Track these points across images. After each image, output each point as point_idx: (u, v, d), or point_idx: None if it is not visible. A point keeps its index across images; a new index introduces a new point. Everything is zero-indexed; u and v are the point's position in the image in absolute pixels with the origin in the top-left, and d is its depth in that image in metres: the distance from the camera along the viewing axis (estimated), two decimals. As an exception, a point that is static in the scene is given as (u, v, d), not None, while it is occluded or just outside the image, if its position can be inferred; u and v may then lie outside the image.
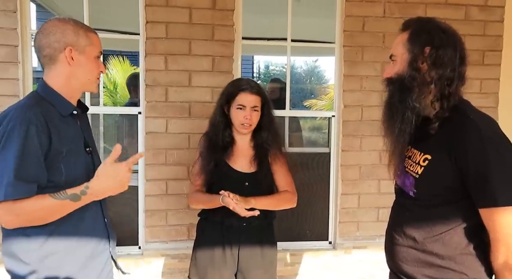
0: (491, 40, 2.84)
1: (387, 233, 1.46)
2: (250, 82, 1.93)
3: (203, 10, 2.59)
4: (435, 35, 1.26)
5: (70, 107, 1.40)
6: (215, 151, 1.89)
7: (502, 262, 1.18)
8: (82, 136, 1.45)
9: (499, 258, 1.19)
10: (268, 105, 1.94)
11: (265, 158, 1.92)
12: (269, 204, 1.87)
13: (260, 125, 1.93)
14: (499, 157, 1.16)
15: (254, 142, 1.95)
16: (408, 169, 1.35)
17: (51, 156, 1.28)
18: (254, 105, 1.87)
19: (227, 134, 1.92)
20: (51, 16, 3.47)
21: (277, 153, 1.94)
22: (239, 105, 1.87)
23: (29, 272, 1.31)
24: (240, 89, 1.88)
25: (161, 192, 2.64)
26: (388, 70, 1.36)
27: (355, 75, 2.75)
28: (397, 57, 1.32)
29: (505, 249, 1.17)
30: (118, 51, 6.20)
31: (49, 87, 1.38)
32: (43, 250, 1.32)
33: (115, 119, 3.15)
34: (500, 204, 1.14)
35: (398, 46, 1.32)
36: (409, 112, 1.28)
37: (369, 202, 2.82)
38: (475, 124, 1.20)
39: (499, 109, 2.86)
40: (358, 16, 2.73)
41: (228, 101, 1.90)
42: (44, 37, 1.36)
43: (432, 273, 1.29)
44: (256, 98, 1.88)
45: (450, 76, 1.26)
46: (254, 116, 1.88)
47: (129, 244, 2.67)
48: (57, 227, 1.33)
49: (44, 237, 1.32)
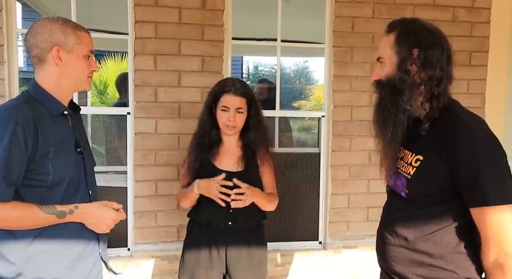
0: (478, 41, 2.87)
1: (378, 233, 1.47)
2: (236, 83, 1.89)
3: (192, 10, 2.58)
4: (422, 36, 1.27)
5: (60, 107, 1.40)
6: (201, 151, 1.89)
7: (493, 261, 1.19)
8: (73, 136, 1.44)
9: (489, 257, 1.20)
10: (255, 106, 1.92)
11: (253, 157, 1.91)
12: (262, 200, 1.88)
13: (247, 125, 1.91)
14: (490, 157, 1.17)
15: (241, 142, 1.94)
16: (400, 170, 1.36)
17: (37, 156, 1.28)
18: (238, 106, 1.85)
19: (213, 134, 1.91)
20: (38, 16, 3.43)
21: (265, 154, 1.94)
22: (223, 106, 1.85)
23: (15, 274, 1.30)
24: (224, 90, 1.86)
25: (151, 193, 2.62)
26: (376, 72, 1.37)
27: (345, 76, 2.77)
28: (385, 59, 1.33)
29: (495, 247, 1.18)
30: (107, 51, 6.14)
31: (40, 87, 1.37)
32: (30, 250, 1.32)
33: (104, 120, 3.12)
34: (491, 203, 1.16)
35: (385, 48, 1.33)
36: (401, 115, 1.29)
37: (358, 202, 2.83)
38: (465, 125, 1.21)
39: (486, 109, 2.90)
40: (348, 17, 2.74)
41: (214, 101, 1.89)
42: (32, 37, 1.35)
43: (424, 273, 1.30)
44: (241, 100, 1.85)
45: (439, 76, 1.27)
46: (238, 118, 1.86)
47: (118, 245, 2.64)
48: (45, 227, 1.32)
49: (31, 237, 1.32)
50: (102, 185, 2.71)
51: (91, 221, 1.39)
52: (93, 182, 1.52)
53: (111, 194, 2.73)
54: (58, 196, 1.34)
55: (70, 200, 1.36)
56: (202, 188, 1.81)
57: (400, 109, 1.28)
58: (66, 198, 1.35)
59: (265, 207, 1.92)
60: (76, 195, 1.39)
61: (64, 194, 1.35)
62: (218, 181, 1.77)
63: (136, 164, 2.60)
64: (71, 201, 1.36)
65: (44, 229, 1.32)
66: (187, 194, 1.90)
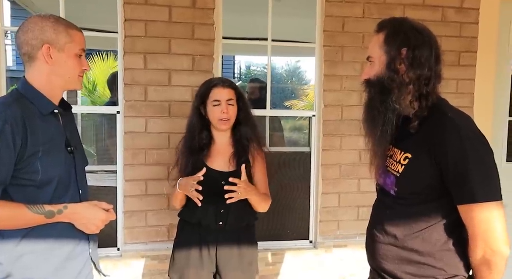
0: (467, 41, 2.90)
1: (368, 231, 1.48)
2: (221, 78, 2.01)
3: (183, 9, 2.57)
4: (411, 35, 1.29)
5: (50, 105, 1.38)
6: (192, 154, 1.89)
7: (480, 257, 1.22)
8: (63, 134, 1.42)
9: (477, 253, 1.22)
10: (243, 99, 1.96)
11: (244, 155, 1.91)
12: (256, 198, 1.88)
13: (238, 120, 1.94)
14: (478, 156, 1.20)
15: (233, 138, 1.95)
16: (389, 168, 1.38)
17: (26, 155, 1.27)
18: (229, 98, 1.89)
19: (204, 135, 1.92)
20: (27, 14, 3.39)
21: (257, 149, 1.95)
22: (214, 100, 1.88)
23: (5, 274, 1.29)
24: (212, 85, 1.91)
25: (141, 192, 2.61)
26: (366, 71, 1.39)
27: (335, 75, 2.77)
28: (374, 58, 1.35)
29: (482, 244, 1.20)
30: (96, 50, 6.09)
31: (30, 85, 1.36)
32: (17, 250, 1.30)
33: (94, 119, 3.10)
34: (479, 201, 1.18)
35: (374, 47, 1.35)
36: (390, 114, 1.31)
37: (349, 201, 2.84)
38: (454, 123, 1.23)
39: (475, 108, 2.93)
40: (338, 16, 2.75)
41: (203, 100, 1.91)
42: (23, 34, 1.34)
43: (412, 270, 1.31)
44: (230, 91, 1.90)
45: (427, 76, 1.29)
46: (231, 110, 1.89)
47: (108, 245, 2.62)
48: (33, 227, 1.31)
49: (19, 237, 1.31)
50: (92, 185, 2.68)
51: (80, 221, 1.38)
52: (83, 181, 1.51)
53: (100, 193, 2.70)
54: (48, 196, 1.33)
55: (60, 200, 1.35)
56: (181, 186, 1.84)
57: (389, 108, 1.30)
58: (56, 197, 1.34)
59: (258, 205, 1.92)
60: (66, 194, 1.38)
61: (53, 194, 1.34)
62: (195, 178, 1.77)
63: (126, 163, 2.58)
64: (61, 201, 1.35)
65: (32, 228, 1.31)
66: (174, 193, 1.93)
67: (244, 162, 1.88)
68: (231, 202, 1.78)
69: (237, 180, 1.76)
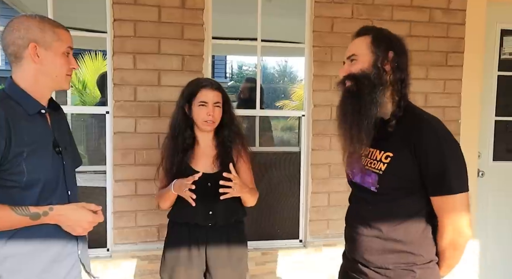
0: (454, 42, 2.94)
1: (348, 224, 1.57)
2: (210, 79, 2.00)
3: (172, 9, 2.57)
4: (395, 42, 1.42)
5: (37, 105, 1.37)
6: (176, 154, 1.89)
7: (448, 241, 1.36)
8: (51, 135, 1.40)
9: (446, 238, 1.36)
10: (228, 103, 1.97)
11: (228, 156, 1.92)
12: (247, 195, 1.89)
13: (221, 122, 1.94)
14: (453, 153, 1.34)
15: (216, 141, 1.96)
16: (369, 167, 1.44)
17: (11, 156, 1.26)
18: (216, 101, 1.89)
19: (187, 135, 1.92)
20: (15, 13, 3.36)
21: (240, 150, 1.96)
22: (201, 102, 1.88)
23: None
24: (201, 86, 1.90)
25: (130, 192, 2.60)
26: (346, 68, 1.46)
27: (325, 75, 2.79)
28: (359, 56, 1.42)
29: (452, 228, 1.34)
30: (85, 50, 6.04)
31: (16, 86, 1.35)
32: (3, 252, 1.29)
33: (84, 119, 3.07)
34: (454, 192, 1.31)
35: (361, 47, 1.42)
36: (374, 107, 1.38)
37: (338, 200, 2.86)
38: (430, 126, 1.36)
39: (462, 108, 2.97)
40: (327, 17, 2.77)
41: (189, 100, 1.91)
42: (9, 34, 1.33)
43: (395, 259, 1.40)
44: (218, 94, 1.91)
45: (406, 79, 1.41)
46: (217, 112, 1.90)
47: (97, 246, 2.61)
48: (19, 229, 1.29)
49: (4, 239, 1.29)
50: (81, 185, 2.67)
51: (67, 223, 1.36)
52: (72, 182, 1.49)
53: (90, 194, 2.69)
54: (34, 197, 1.31)
55: (47, 201, 1.33)
56: (175, 187, 1.83)
57: (374, 101, 1.38)
58: (43, 199, 1.33)
59: (249, 201, 1.95)
60: (53, 196, 1.37)
61: (40, 195, 1.32)
62: (189, 180, 1.77)
63: (115, 164, 2.57)
64: (48, 202, 1.33)
65: (17, 231, 1.29)
66: (165, 194, 1.92)
67: (228, 163, 1.88)
68: (224, 198, 1.78)
69: (232, 176, 1.76)
